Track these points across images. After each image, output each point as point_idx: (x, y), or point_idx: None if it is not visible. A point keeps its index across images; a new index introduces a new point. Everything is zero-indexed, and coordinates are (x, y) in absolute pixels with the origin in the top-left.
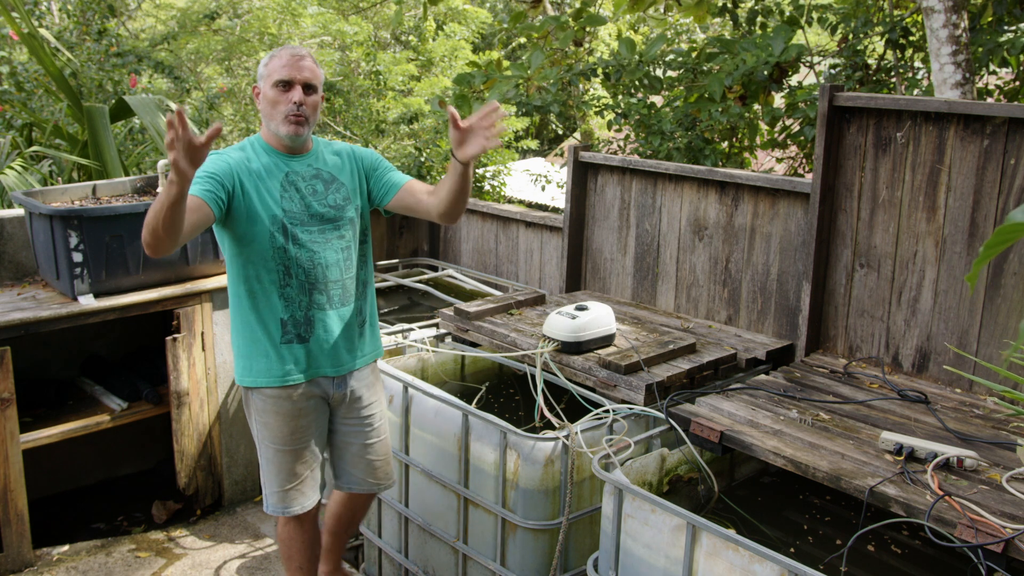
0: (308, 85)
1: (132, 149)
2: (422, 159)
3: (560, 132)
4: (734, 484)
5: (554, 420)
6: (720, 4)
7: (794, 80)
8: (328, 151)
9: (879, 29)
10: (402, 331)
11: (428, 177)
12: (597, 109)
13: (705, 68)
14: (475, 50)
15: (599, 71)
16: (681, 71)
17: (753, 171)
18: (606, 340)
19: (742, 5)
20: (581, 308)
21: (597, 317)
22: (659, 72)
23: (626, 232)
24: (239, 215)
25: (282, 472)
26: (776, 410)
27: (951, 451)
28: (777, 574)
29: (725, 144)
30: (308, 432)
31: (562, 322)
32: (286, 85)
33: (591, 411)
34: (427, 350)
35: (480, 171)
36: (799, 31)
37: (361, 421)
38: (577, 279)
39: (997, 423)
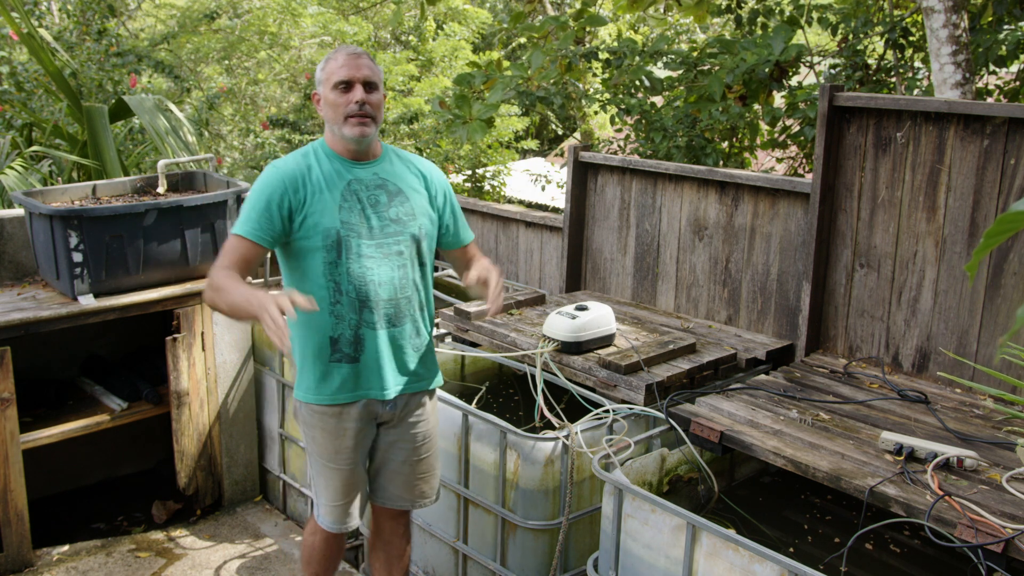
0: (368, 83)
1: (132, 149)
2: None
3: (560, 132)
4: (734, 484)
5: (554, 420)
6: (723, 4)
7: (794, 80)
8: (398, 160)
9: (879, 29)
10: None
11: None
12: (600, 103)
13: (705, 68)
14: (475, 50)
15: (601, 55)
16: (681, 71)
17: (753, 171)
18: (606, 340)
19: (744, 5)
20: (581, 308)
21: (597, 317)
22: (659, 71)
23: (626, 232)
24: (294, 231)
25: (330, 488)
26: (776, 410)
27: (951, 451)
28: (777, 574)
29: (725, 144)
30: (354, 454)
31: (562, 322)
32: (346, 86)
33: (591, 411)
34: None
35: (480, 171)
36: (799, 31)
37: (409, 438)
38: (577, 279)
39: (997, 423)
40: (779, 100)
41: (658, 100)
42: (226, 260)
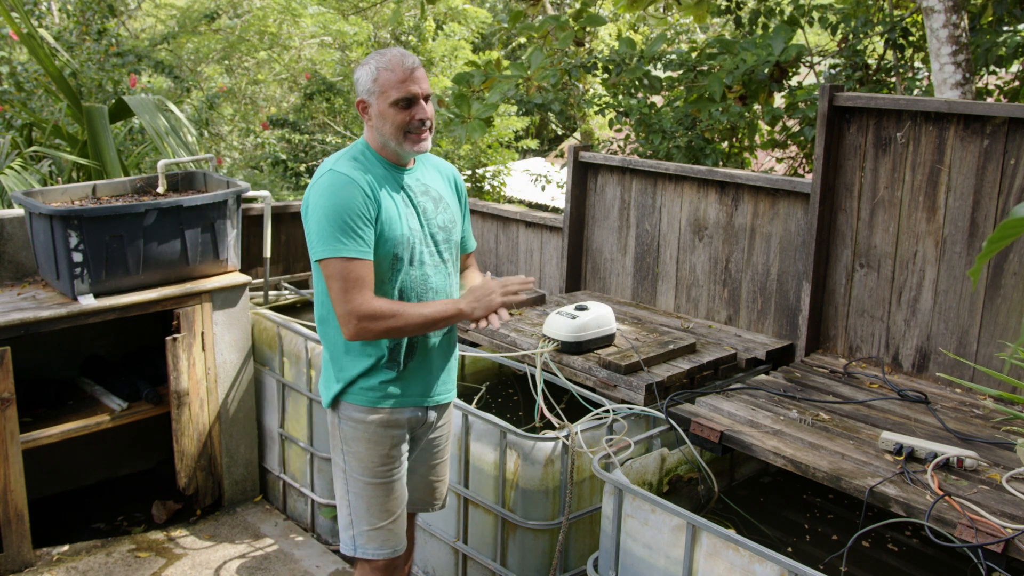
0: (428, 96)
1: (132, 149)
2: None
3: (560, 132)
4: (734, 484)
5: (554, 420)
6: (723, 5)
7: (794, 80)
8: (429, 165)
9: (879, 29)
10: None
11: None
12: (598, 108)
13: (705, 68)
14: (475, 50)
15: (600, 66)
16: (681, 71)
17: (753, 171)
18: (606, 340)
19: (744, 5)
20: (581, 308)
21: (597, 317)
22: (659, 72)
23: (626, 232)
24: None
25: (375, 507)
26: (776, 410)
27: (951, 451)
28: (777, 574)
29: (725, 144)
30: (400, 464)
31: (562, 322)
32: (408, 102)
33: (591, 411)
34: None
35: (480, 171)
36: (799, 31)
37: (431, 443)
38: (577, 279)
39: (997, 423)
40: (779, 100)
41: (658, 100)
42: (365, 288)
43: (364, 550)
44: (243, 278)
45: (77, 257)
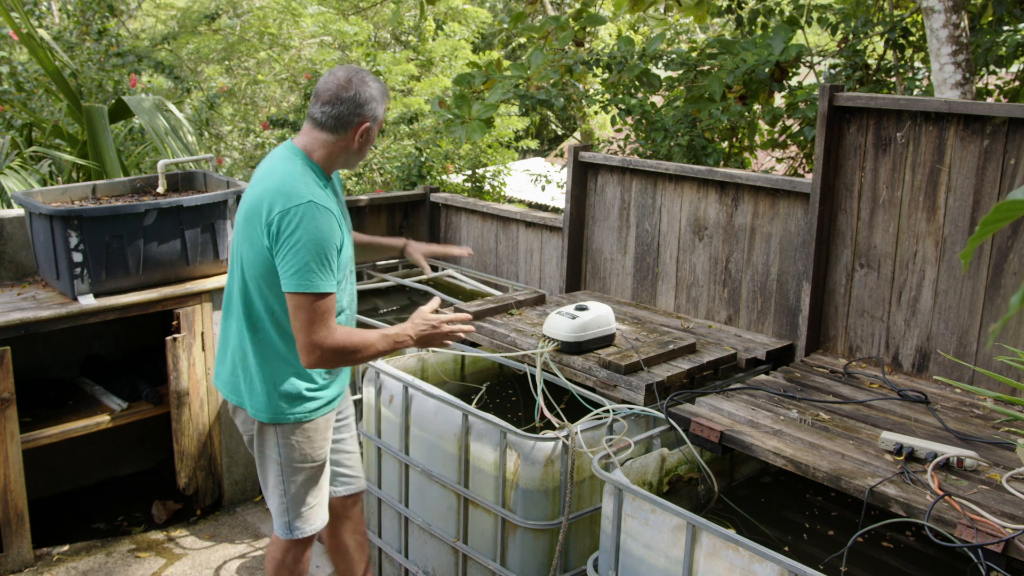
0: None
1: (132, 149)
2: (422, 159)
3: (560, 132)
4: (734, 484)
5: (554, 420)
6: (723, 5)
7: (794, 80)
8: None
9: (879, 29)
10: None
11: (428, 177)
12: (601, 104)
13: (705, 68)
14: (475, 50)
15: (602, 62)
16: (681, 71)
17: (753, 171)
18: (606, 340)
19: (744, 5)
20: (581, 308)
21: (597, 317)
22: (659, 71)
23: (626, 232)
24: None
25: (313, 487)
26: (776, 410)
27: (951, 451)
28: (777, 574)
29: (725, 144)
30: (330, 442)
31: (562, 322)
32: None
33: (591, 411)
34: (427, 350)
35: (480, 171)
36: (799, 31)
37: (343, 419)
38: (577, 279)
39: (997, 424)
40: (779, 100)
41: (658, 100)
42: (330, 319)
43: (301, 531)
44: None
45: (77, 257)
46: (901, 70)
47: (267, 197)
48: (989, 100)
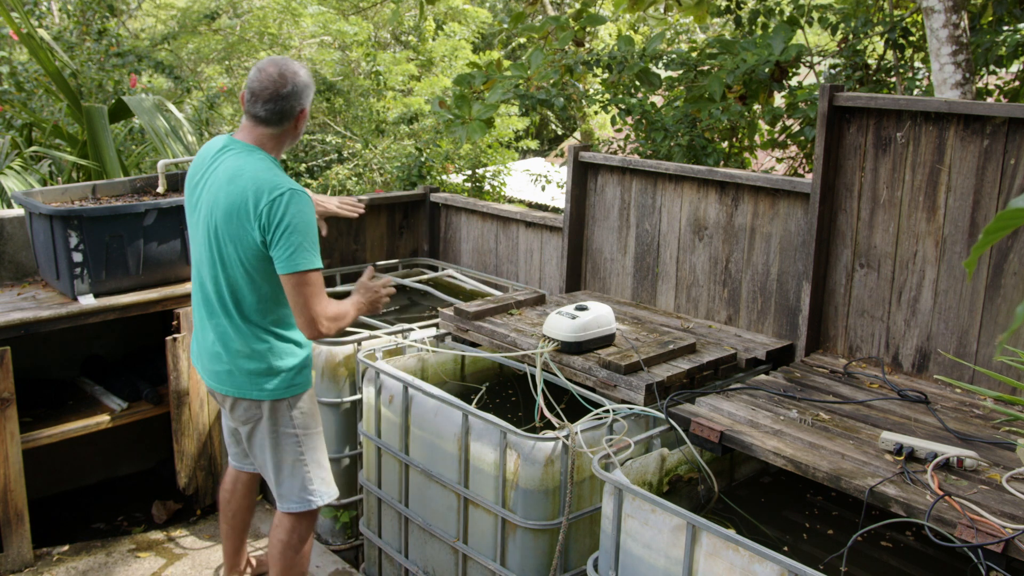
0: None
1: (132, 149)
2: (422, 159)
3: (560, 132)
4: (734, 484)
5: (554, 420)
6: (722, 5)
7: (794, 80)
8: None
9: (879, 29)
10: (402, 331)
11: (428, 177)
12: (601, 104)
13: (705, 68)
14: (475, 50)
15: (602, 62)
16: (681, 71)
17: (753, 171)
18: (606, 340)
19: (744, 5)
20: (581, 308)
21: (597, 317)
22: (659, 71)
23: (626, 232)
24: None
25: (323, 454)
26: (776, 410)
27: (951, 451)
28: (777, 574)
29: (725, 144)
30: None
31: (562, 322)
32: None
33: (591, 411)
34: (427, 350)
35: (480, 171)
36: (799, 31)
37: None
38: (577, 279)
39: (997, 424)
40: (779, 100)
41: (658, 100)
42: (324, 293)
43: (323, 495)
44: None
45: (77, 257)
46: (901, 70)
47: (249, 193)
48: (989, 100)
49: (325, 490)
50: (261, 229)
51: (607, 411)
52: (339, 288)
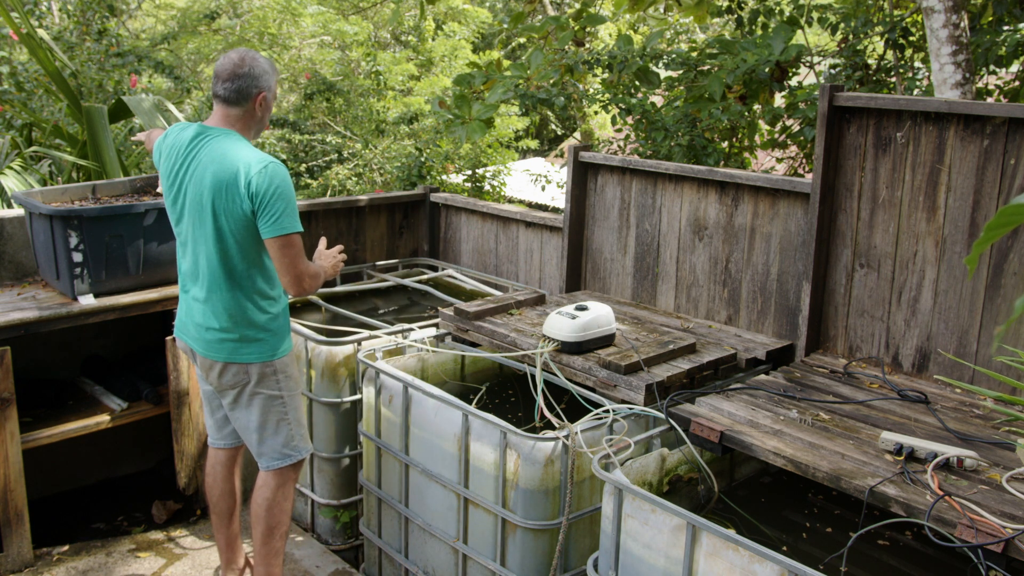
0: None
1: (132, 149)
2: (422, 159)
3: (560, 132)
4: (734, 484)
5: (554, 420)
6: (723, 5)
7: (794, 80)
8: None
9: (879, 29)
10: (402, 331)
11: (428, 177)
12: (601, 103)
13: (705, 68)
14: (475, 50)
15: (602, 62)
16: (681, 71)
17: (753, 171)
18: (606, 340)
19: (744, 5)
20: (581, 308)
21: (597, 317)
22: (659, 70)
23: (626, 232)
24: None
25: (302, 411)
26: (776, 410)
27: (951, 451)
28: (777, 574)
29: (725, 144)
30: None
31: (562, 322)
32: None
33: (591, 411)
34: (427, 350)
35: (480, 171)
36: (799, 31)
37: None
38: (577, 279)
39: (997, 424)
40: (779, 100)
41: (658, 100)
42: (304, 254)
43: (304, 449)
44: None
45: (77, 257)
46: (901, 70)
47: (239, 168)
48: (989, 100)
49: (304, 445)
50: (251, 198)
51: (607, 411)
52: (339, 288)
